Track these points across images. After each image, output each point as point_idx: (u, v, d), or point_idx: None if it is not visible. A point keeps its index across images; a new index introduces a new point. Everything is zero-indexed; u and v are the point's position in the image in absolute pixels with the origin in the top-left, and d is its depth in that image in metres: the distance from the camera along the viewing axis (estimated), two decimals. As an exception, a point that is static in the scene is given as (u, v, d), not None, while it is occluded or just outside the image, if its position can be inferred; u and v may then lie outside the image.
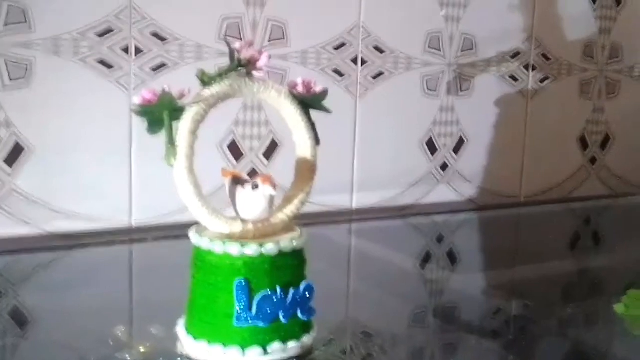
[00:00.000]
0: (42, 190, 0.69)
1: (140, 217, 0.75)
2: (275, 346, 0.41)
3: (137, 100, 0.40)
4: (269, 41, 0.80)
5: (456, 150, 0.98)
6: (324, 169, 0.84)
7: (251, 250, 0.41)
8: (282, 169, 0.81)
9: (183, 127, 0.41)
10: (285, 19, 0.81)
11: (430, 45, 0.93)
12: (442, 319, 0.58)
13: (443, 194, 0.98)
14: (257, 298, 0.41)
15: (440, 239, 0.89)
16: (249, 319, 0.41)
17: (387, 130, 0.91)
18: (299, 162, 0.46)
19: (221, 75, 0.42)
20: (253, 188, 0.42)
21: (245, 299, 0.41)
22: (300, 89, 0.45)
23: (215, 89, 0.42)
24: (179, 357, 0.43)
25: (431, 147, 0.96)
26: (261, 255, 0.41)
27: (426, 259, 0.79)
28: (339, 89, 0.86)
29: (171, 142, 0.41)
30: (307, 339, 0.43)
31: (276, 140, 0.83)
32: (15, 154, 0.67)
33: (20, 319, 0.54)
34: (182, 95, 0.41)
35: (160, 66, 0.74)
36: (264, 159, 0.82)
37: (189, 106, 0.41)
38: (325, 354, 0.45)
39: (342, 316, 0.56)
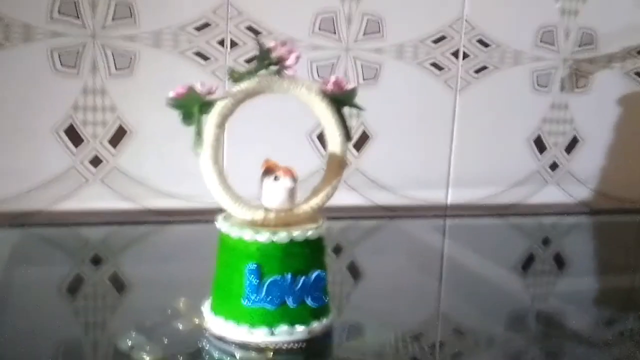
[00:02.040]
0: (142, 170, 0.76)
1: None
2: (282, 328, 0.44)
3: (171, 93, 0.44)
4: (364, 35, 0.82)
5: (568, 150, 0.94)
6: (419, 162, 0.86)
7: (263, 237, 0.44)
8: (372, 160, 0.84)
9: (210, 120, 0.44)
10: (382, 13, 0.82)
11: (543, 40, 0.90)
12: (543, 324, 0.56)
13: (551, 194, 0.95)
14: (266, 282, 0.44)
15: (546, 241, 0.87)
16: (257, 300, 0.44)
17: (488, 126, 0.90)
18: (330, 157, 0.48)
19: (250, 72, 0.45)
20: (274, 179, 0.45)
21: (255, 282, 0.44)
22: (330, 86, 0.47)
23: (244, 85, 0.45)
24: (204, 330, 0.47)
25: (539, 145, 0.93)
26: (272, 242, 0.44)
27: (529, 260, 0.76)
28: (438, 82, 0.86)
29: (199, 133, 0.44)
30: (317, 326, 0.45)
31: (367, 133, 0.85)
32: (118, 136, 0.75)
33: (118, 284, 0.60)
34: (210, 91, 0.44)
35: (253, 59, 0.78)
36: (354, 150, 0.84)
37: (218, 101, 0.44)
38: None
39: (431, 312, 0.56)
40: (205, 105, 0.45)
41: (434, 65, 0.86)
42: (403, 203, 0.87)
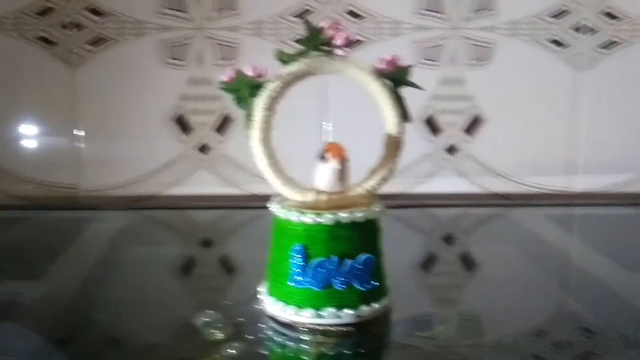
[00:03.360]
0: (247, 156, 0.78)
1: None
2: (328, 311, 0.44)
3: (222, 77, 0.46)
4: (474, 12, 0.79)
5: None
6: (537, 147, 0.81)
7: (309, 218, 0.44)
8: (486, 145, 0.80)
9: (259, 103, 0.45)
10: (493, -12, 0.78)
11: (685, 8, 0.81)
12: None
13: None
14: (312, 263, 0.44)
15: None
16: (303, 281, 0.44)
17: (618, 107, 0.82)
18: (387, 138, 0.46)
19: (299, 54, 0.45)
20: (323, 160, 0.45)
21: (301, 263, 0.44)
22: (383, 65, 0.46)
23: (293, 67, 0.45)
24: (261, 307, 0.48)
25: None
26: (318, 224, 0.44)
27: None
28: (558, 60, 0.80)
29: (249, 116, 0.45)
30: (366, 310, 0.44)
31: (480, 117, 0.81)
32: (226, 124, 0.78)
33: (227, 266, 0.63)
34: (259, 75, 0.45)
35: (355, 43, 0.78)
36: (464, 135, 0.81)
37: (267, 84, 0.45)
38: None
39: (556, 307, 0.52)
40: (255, 88, 0.45)
41: (554, 42, 0.80)
42: (520, 190, 0.83)
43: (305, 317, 0.44)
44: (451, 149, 0.81)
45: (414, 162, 0.81)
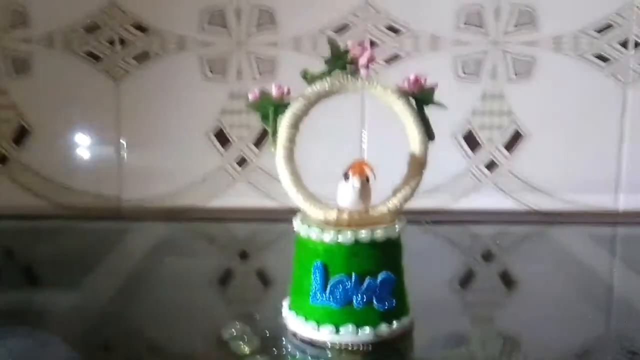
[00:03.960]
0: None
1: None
2: (347, 328, 0.44)
3: (249, 97, 0.47)
4: (515, 26, 0.78)
5: None
6: (581, 163, 0.79)
7: (328, 236, 0.44)
8: (527, 161, 0.79)
9: (283, 121, 0.46)
10: (534, 2, 0.77)
11: None
12: None
13: None
14: (331, 281, 0.44)
15: None
16: (322, 298, 0.44)
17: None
18: (411, 157, 0.47)
19: (324, 73, 0.46)
20: (345, 178, 0.45)
21: (320, 280, 0.44)
22: (406, 84, 0.46)
23: (317, 86, 0.46)
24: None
25: None
26: (337, 242, 0.44)
27: None
28: (603, 76, 0.79)
29: (274, 134, 0.46)
30: (385, 329, 0.44)
31: (520, 131, 0.80)
32: (264, 137, 0.79)
33: (262, 279, 0.63)
34: (283, 94, 0.46)
35: (394, 58, 0.78)
36: (504, 150, 0.80)
37: (291, 103, 0.46)
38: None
39: (598, 329, 0.51)
40: (280, 107, 0.46)
41: (599, 57, 0.78)
42: (561, 208, 0.81)
43: (324, 333, 0.45)
44: (491, 165, 0.81)
45: (453, 178, 0.81)
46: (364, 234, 0.44)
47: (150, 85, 0.78)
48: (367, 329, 0.44)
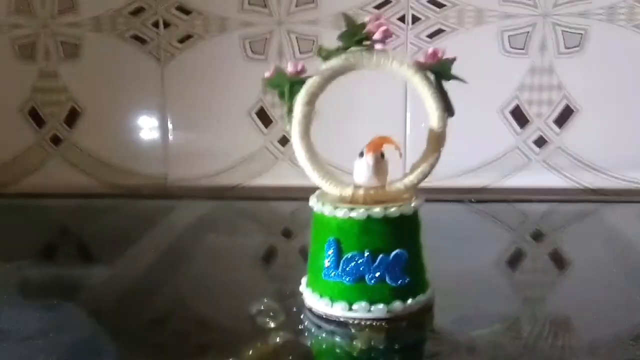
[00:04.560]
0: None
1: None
2: (360, 305, 0.44)
3: (266, 74, 0.47)
4: (565, -2, 0.75)
5: None
6: (635, 139, 0.75)
7: (341, 212, 0.44)
8: (578, 137, 0.76)
9: (298, 98, 0.46)
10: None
11: None
12: None
13: None
14: (344, 257, 0.44)
15: None
16: (335, 275, 0.44)
17: None
18: (429, 132, 0.46)
19: (338, 49, 0.45)
20: (360, 155, 0.45)
21: (334, 256, 0.44)
22: (423, 58, 0.45)
23: (332, 63, 0.45)
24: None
25: None
26: (350, 218, 0.44)
27: None
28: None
29: (289, 111, 0.46)
30: (399, 306, 0.44)
31: (571, 106, 0.77)
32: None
33: (305, 257, 0.64)
34: (299, 71, 0.46)
35: (437, 32, 0.77)
36: (554, 126, 0.78)
37: (306, 80, 0.46)
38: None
39: None
40: (296, 84, 0.46)
41: (655, 27, 0.75)
42: (615, 185, 0.78)
43: (337, 309, 0.45)
44: (540, 141, 0.78)
45: (501, 155, 0.79)
46: (377, 211, 0.44)
47: (194, 67, 0.79)
48: (380, 306, 0.44)
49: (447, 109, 0.46)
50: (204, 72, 0.79)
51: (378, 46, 0.45)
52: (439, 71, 0.45)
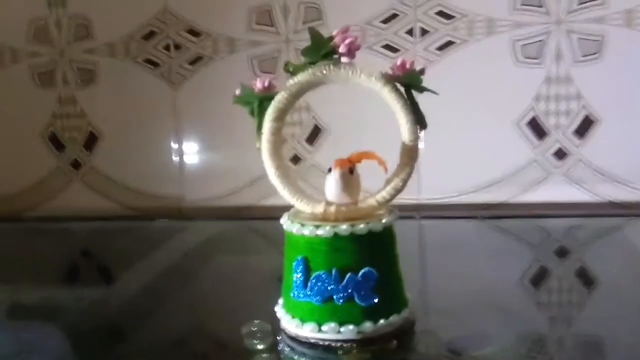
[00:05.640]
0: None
1: (427, 195, 0.78)
2: (330, 325, 0.43)
3: (236, 92, 0.47)
4: (580, 4, 0.72)
5: None
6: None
7: (307, 230, 0.43)
8: (599, 148, 0.73)
9: (267, 115, 0.45)
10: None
11: None
12: None
13: None
14: (312, 277, 0.43)
15: None
16: (304, 295, 0.43)
17: None
18: (402, 146, 0.44)
19: (306, 65, 0.45)
20: (329, 171, 0.44)
21: (302, 276, 0.43)
22: (392, 69, 0.44)
23: (299, 78, 0.45)
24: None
25: None
26: (317, 236, 0.43)
27: None
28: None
29: (259, 128, 0.46)
30: (369, 326, 0.43)
31: (591, 116, 0.74)
32: (315, 134, 0.79)
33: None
34: (266, 87, 0.45)
35: (447, 45, 0.75)
36: (574, 138, 0.75)
37: (274, 96, 0.45)
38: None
39: None
40: (265, 101, 0.45)
41: (681, 30, 0.71)
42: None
43: (307, 331, 0.43)
44: (560, 154, 0.75)
45: (519, 169, 0.76)
46: (344, 228, 0.42)
47: (206, 88, 0.80)
48: (350, 327, 0.43)
49: (419, 121, 0.44)
50: (216, 93, 0.79)
51: (344, 59, 0.44)
52: (409, 83, 0.44)
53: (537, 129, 0.75)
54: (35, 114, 0.83)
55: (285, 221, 0.45)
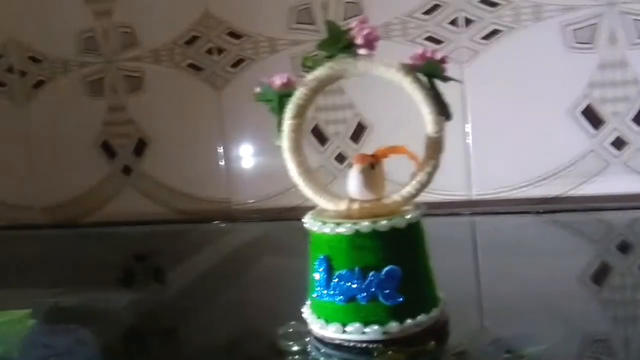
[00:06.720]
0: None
1: (479, 190, 0.75)
2: (354, 326, 0.41)
3: (256, 89, 0.46)
4: None
5: None
6: None
7: (328, 228, 0.42)
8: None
9: (287, 111, 0.44)
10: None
11: None
12: None
13: None
14: (335, 276, 0.42)
15: None
16: (327, 294, 0.42)
17: None
18: (426, 139, 0.43)
19: (324, 58, 0.44)
20: (349, 167, 0.43)
21: (325, 275, 0.42)
22: (411, 59, 0.42)
23: (317, 72, 0.44)
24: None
25: None
26: (338, 234, 0.41)
27: None
28: None
29: (279, 125, 0.45)
30: (395, 327, 0.41)
31: (648, 102, 0.70)
32: (360, 132, 0.77)
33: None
34: (286, 84, 0.44)
35: (493, 33, 0.72)
36: (633, 125, 0.70)
37: (293, 92, 0.44)
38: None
39: None
40: (284, 98, 0.45)
41: None
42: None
43: (330, 331, 0.42)
44: (618, 143, 0.71)
45: (576, 160, 0.72)
46: (365, 225, 0.41)
47: (249, 90, 0.79)
48: (375, 327, 0.41)
49: (443, 112, 0.42)
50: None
51: (362, 51, 0.43)
52: (430, 73, 0.42)
53: (592, 117, 0.71)
54: (87, 122, 0.85)
55: (307, 219, 0.44)
